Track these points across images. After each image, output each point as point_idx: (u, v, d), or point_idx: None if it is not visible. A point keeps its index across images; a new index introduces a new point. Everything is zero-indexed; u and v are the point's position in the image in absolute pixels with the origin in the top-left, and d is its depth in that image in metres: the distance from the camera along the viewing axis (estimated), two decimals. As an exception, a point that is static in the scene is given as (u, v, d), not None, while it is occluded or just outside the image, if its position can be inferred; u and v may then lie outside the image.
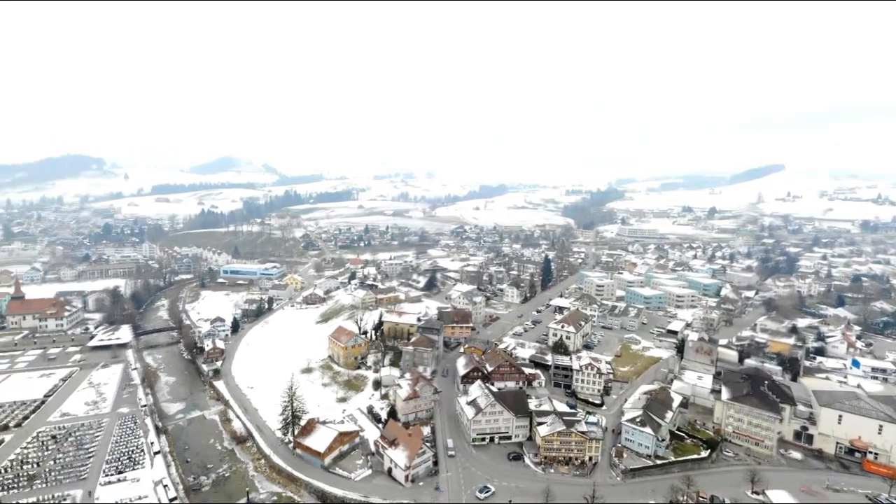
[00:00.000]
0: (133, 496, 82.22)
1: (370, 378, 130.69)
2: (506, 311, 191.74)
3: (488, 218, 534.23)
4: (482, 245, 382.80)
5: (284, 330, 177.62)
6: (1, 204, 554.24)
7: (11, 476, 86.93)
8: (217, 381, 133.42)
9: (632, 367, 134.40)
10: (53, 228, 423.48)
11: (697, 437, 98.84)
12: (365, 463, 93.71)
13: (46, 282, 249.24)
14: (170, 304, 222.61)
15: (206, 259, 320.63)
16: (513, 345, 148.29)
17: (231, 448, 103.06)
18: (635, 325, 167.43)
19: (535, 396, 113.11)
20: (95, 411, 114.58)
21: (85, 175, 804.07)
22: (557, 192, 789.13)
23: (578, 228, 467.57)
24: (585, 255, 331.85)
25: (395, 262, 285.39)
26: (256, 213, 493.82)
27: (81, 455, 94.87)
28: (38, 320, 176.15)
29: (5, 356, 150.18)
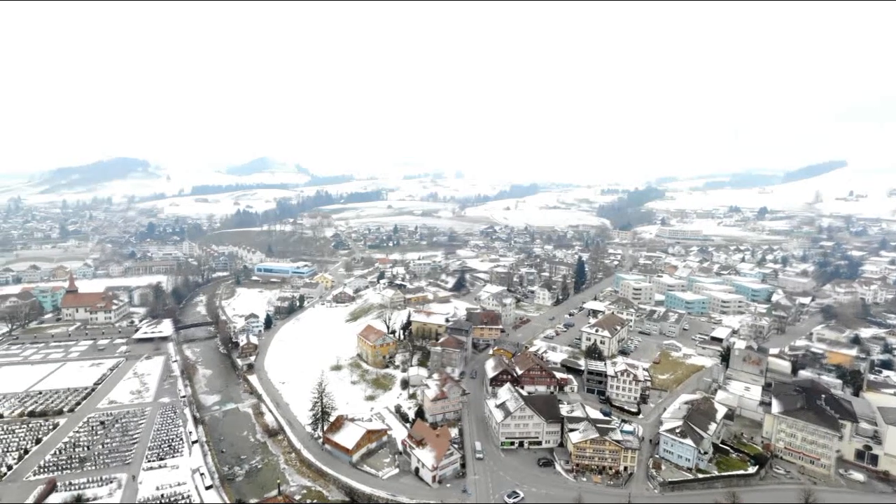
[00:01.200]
0: (172, 482, 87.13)
1: (398, 377, 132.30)
2: (537, 314, 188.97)
3: (519, 218, 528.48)
4: (512, 246, 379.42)
5: (315, 327, 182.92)
6: (57, 204, 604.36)
7: (65, 457, 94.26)
8: (251, 376, 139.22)
9: (671, 374, 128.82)
10: (103, 227, 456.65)
11: (744, 452, 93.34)
12: (392, 461, 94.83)
13: (97, 277, 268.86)
14: (207, 300, 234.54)
15: (242, 257, 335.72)
16: (544, 348, 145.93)
17: (263, 441, 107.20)
18: (675, 330, 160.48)
19: (567, 402, 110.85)
20: (139, 400, 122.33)
21: (132, 177, 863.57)
22: (592, 192, 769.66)
23: (614, 229, 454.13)
24: (622, 257, 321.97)
25: (424, 262, 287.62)
26: (289, 213, 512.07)
27: (126, 441, 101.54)
28: (89, 313, 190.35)
29: (60, 346, 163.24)
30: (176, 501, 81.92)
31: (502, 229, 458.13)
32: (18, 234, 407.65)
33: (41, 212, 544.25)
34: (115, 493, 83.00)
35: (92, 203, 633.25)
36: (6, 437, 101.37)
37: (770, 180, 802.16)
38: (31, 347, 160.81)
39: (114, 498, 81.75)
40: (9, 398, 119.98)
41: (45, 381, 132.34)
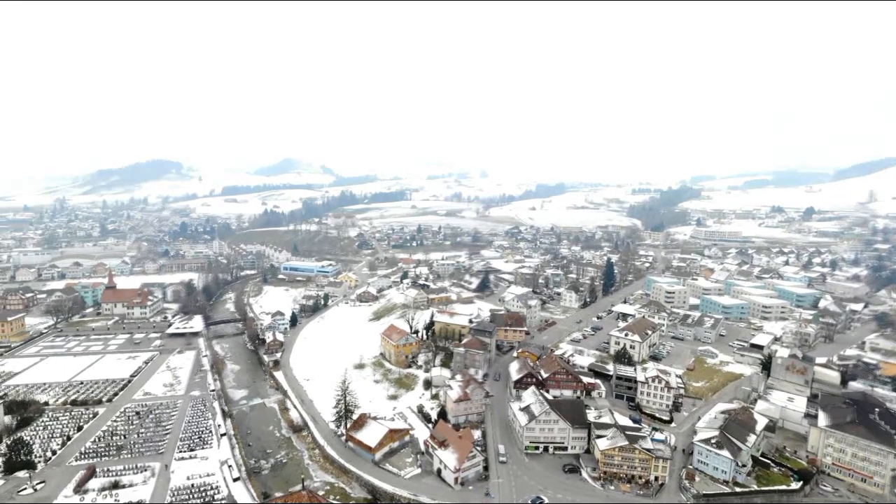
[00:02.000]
0: (202, 472, 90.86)
1: (420, 377, 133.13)
2: (563, 316, 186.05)
3: (545, 218, 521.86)
4: (538, 247, 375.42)
5: (339, 326, 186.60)
6: (98, 204, 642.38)
7: (104, 445, 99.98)
8: (276, 372, 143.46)
9: (707, 382, 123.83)
10: (140, 226, 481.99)
11: (787, 467, 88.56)
12: (414, 461, 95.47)
13: (133, 274, 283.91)
14: (236, 297, 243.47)
15: (269, 256, 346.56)
16: (570, 351, 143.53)
17: (288, 436, 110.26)
18: (711, 336, 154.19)
19: (595, 407, 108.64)
20: (172, 393, 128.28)
21: (166, 178, 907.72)
22: (622, 192, 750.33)
23: (646, 230, 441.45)
24: (653, 258, 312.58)
25: (448, 263, 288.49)
26: (314, 213, 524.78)
27: (160, 431, 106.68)
28: (126, 308, 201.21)
29: (100, 339, 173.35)
30: (205, 491, 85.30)
31: (527, 230, 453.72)
32: (63, 232, 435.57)
33: (83, 211, 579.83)
34: (150, 481, 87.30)
35: (129, 203, 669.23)
36: (51, 423, 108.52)
37: (818, 178, 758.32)
38: (73, 340, 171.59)
39: (148, 485, 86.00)
40: (54, 387, 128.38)
41: (86, 371, 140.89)
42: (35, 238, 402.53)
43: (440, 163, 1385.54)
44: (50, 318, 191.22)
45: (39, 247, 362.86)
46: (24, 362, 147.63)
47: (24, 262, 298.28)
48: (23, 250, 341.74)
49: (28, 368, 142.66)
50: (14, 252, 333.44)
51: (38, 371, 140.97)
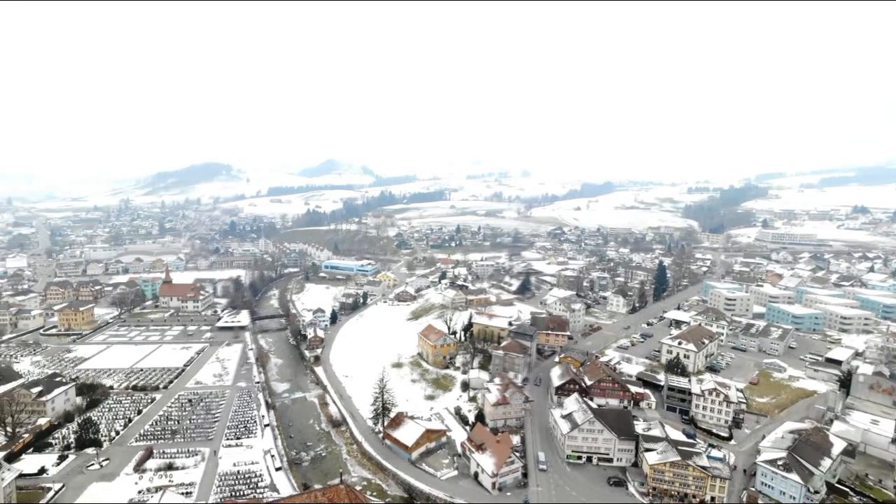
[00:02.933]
0: (247, 460, 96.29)
1: (458, 379, 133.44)
2: (609, 322, 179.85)
3: (591, 219, 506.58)
4: (583, 248, 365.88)
5: (377, 324, 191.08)
6: (157, 204, 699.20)
7: (160, 429, 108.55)
8: (317, 367, 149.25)
9: (773, 398, 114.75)
10: (193, 225, 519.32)
11: (870, 497, 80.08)
12: (451, 463, 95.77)
13: (187, 269, 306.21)
14: (279, 293, 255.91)
15: (311, 254, 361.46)
16: (617, 359, 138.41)
17: (328, 430, 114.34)
18: (779, 348, 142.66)
19: (643, 419, 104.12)
20: (220, 383, 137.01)
21: (217, 179, 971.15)
22: (676, 191, 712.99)
23: (703, 232, 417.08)
24: (712, 262, 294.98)
25: (487, 264, 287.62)
26: (354, 213, 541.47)
27: (209, 419, 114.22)
28: (180, 301, 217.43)
29: (158, 329, 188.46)
30: (250, 479, 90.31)
31: (572, 230, 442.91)
32: (127, 230, 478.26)
33: (144, 211, 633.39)
34: (200, 465, 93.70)
35: (184, 203, 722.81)
36: (115, 406, 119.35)
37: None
38: (135, 329, 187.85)
39: (198, 469, 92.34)
40: (117, 373, 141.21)
41: (146, 360, 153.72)
42: (103, 235, 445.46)
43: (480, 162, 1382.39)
44: (115, 309, 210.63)
45: (107, 243, 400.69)
46: (92, 349, 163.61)
47: (93, 257, 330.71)
48: (93, 246, 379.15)
49: (96, 355, 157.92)
50: (86, 248, 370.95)
51: (105, 357, 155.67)
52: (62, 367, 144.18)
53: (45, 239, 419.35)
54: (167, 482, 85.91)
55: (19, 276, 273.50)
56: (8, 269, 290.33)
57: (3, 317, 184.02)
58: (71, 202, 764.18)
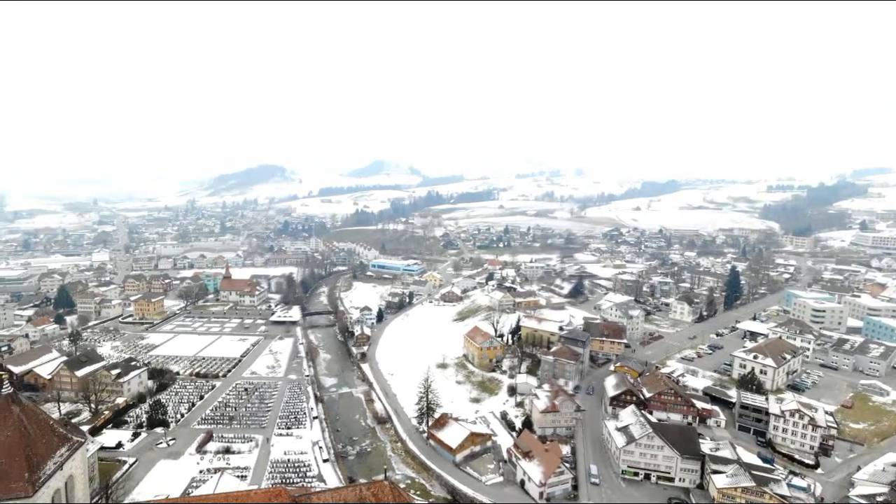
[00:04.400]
0: (297, 450, 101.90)
1: (505, 383, 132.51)
2: (672, 330, 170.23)
3: (652, 220, 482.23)
4: (643, 251, 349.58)
5: (422, 324, 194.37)
6: (219, 205, 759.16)
7: (219, 414, 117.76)
8: (363, 364, 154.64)
9: (871, 425, 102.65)
10: (250, 224, 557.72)
11: None
12: (496, 469, 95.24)
13: (244, 266, 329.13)
14: (329, 291, 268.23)
15: (358, 253, 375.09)
16: (680, 371, 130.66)
17: (373, 426, 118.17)
18: (880, 368, 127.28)
19: (711, 438, 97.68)
20: (273, 374, 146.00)
21: (272, 181, 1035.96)
22: (753, 189, 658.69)
23: (785, 234, 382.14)
24: (796, 268, 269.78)
25: (536, 265, 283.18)
26: (401, 213, 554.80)
27: (263, 408, 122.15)
28: (238, 296, 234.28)
29: (218, 322, 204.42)
30: (299, 468, 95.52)
31: (630, 232, 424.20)
32: (192, 228, 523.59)
33: (208, 211, 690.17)
34: (254, 451, 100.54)
35: (243, 203, 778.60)
36: (181, 390, 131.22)
37: None
38: (198, 321, 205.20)
39: (252, 455, 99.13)
40: (183, 360, 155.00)
41: (207, 349, 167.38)
42: (172, 233, 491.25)
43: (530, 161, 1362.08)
44: (182, 301, 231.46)
45: (175, 240, 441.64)
46: (162, 337, 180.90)
47: (164, 253, 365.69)
48: (163, 243, 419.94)
49: (165, 342, 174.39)
50: (157, 244, 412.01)
51: (172, 345, 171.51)
52: (136, 352, 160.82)
53: (124, 236, 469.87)
54: (225, 465, 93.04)
55: (102, 269, 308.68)
56: (94, 263, 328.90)
57: (88, 305, 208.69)
58: (146, 202, 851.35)
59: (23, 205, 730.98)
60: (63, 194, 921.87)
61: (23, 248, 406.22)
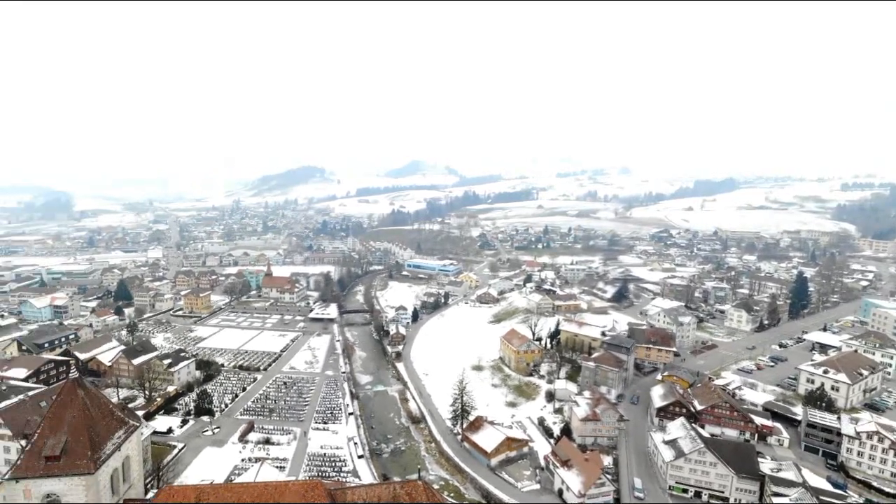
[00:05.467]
0: (333, 445, 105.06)
1: (542, 388, 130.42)
2: (727, 340, 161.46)
3: (706, 220, 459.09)
4: (695, 254, 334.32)
5: (458, 325, 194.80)
6: (262, 205, 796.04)
7: (260, 406, 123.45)
8: (398, 363, 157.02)
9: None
10: (291, 224, 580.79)
11: None
12: (532, 475, 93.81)
13: (285, 264, 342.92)
14: (365, 290, 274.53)
15: (394, 253, 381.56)
16: (737, 383, 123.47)
17: (407, 425, 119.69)
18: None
19: (772, 457, 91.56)
20: (311, 370, 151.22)
21: (312, 182, 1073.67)
22: (825, 187, 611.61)
23: (862, 237, 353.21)
24: (876, 275, 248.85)
25: (578, 268, 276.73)
26: (437, 213, 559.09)
27: (301, 402, 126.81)
28: (279, 293, 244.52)
29: (260, 317, 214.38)
30: (334, 462, 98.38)
31: (681, 233, 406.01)
32: (237, 228, 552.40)
33: (251, 210, 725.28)
34: (292, 444, 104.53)
35: (284, 204, 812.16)
36: (225, 381, 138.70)
37: None
38: (242, 315, 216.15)
39: (291, 447, 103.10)
40: (227, 353, 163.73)
41: (250, 343, 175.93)
42: (219, 232, 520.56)
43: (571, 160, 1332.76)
44: (227, 297, 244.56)
45: (221, 239, 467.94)
46: (208, 330, 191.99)
47: (211, 250, 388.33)
48: (210, 241, 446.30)
49: (211, 335, 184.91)
50: (205, 242, 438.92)
51: (218, 338, 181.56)
52: (185, 343, 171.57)
53: (176, 234, 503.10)
54: (265, 455, 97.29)
55: (156, 265, 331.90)
56: (149, 259, 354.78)
57: (144, 299, 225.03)
58: (195, 203, 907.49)
59: (88, 205, 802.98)
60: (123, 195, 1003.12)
61: (88, 244, 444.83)
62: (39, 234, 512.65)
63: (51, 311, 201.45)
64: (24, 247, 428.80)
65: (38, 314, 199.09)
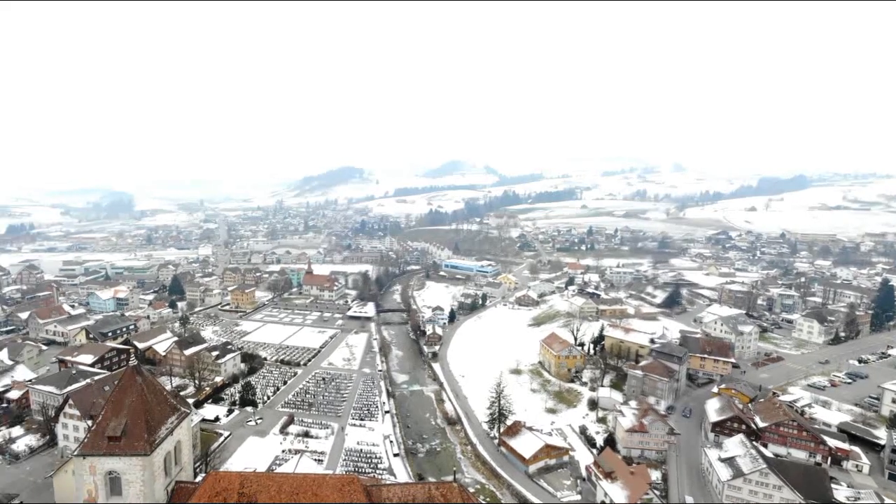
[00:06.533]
0: (369, 441, 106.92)
1: (585, 395, 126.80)
2: (796, 352, 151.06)
3: (771, 221, 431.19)
4: (758, 258, 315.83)
5: (495, 327, 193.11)
6: (303, 205, 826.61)
7: (300, 400, 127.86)
8: (434, 363, 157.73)
9: None
10: (330, 223, 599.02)
11: None
12: (573, 486, 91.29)
13: (324, 263, 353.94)
14: (402, 289, 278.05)
15: (431, 253, 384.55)
16: (806, 400, 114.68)
17: (443, 426, 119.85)
18: None
19: (849, 484, 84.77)
20: (348, 367, 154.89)
21: (351, 182, 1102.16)
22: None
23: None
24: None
25: (624, 271, 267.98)
26: (476, 213, 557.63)
27: (338, 398, 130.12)
28: (318, 290, 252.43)
29: (300, 314, 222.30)
30: (370, 459, 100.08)
31: (742, 236, 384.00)
32: (280, 227, 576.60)
33: (293, 210, 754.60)
34: (329, 438, 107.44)
35: (324, 204, 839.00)
36: (268, 374, 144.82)
37: None
38: (284, 311, 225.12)
39: (328, 441, 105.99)
40: (270, 347, 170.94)
41: (291, 338, 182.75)
42: (263, 231, 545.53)
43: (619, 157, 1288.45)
44: (270, 293, 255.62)
45: (265, 237, 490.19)
46: (253, 325, 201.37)
47: (255, 248, 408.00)
48: (255, 240, 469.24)
49: (255, 330, 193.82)
50: (250, 241, 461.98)
51: (261, 333, 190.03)
52: (231, 337, 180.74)
53: (224, 233, 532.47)
54: (304, 447, 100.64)
55: (206, 261, 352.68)
56: (199, 256, 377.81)
57: (194, 293, 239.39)
58: (242, 203, 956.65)
59: (147, 205, 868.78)
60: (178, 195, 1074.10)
61: (146, 242, 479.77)
62: (105, 231, 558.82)
63: (114, 303, 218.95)
64: (92, 243, 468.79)
65: (103, 305, 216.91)
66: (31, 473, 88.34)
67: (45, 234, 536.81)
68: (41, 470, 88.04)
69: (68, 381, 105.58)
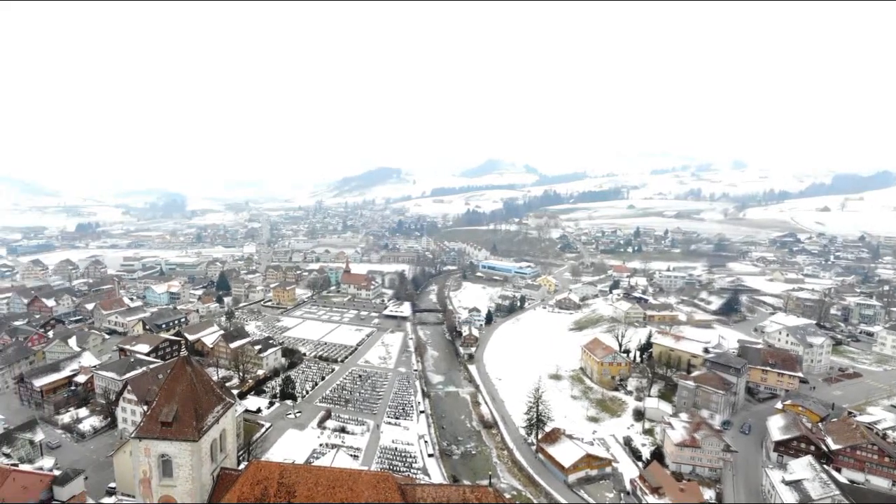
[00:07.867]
0: (403, 440, 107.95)
1: (630, 405, 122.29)
2: (876, 368, 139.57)
3: (848, 223, 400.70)
4: (831, 263, 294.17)
5: (534, 330, 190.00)
6: (342, 205, 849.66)
7: (337, 395, 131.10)
8: (470, 365, 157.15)
9: None
10: (368, 223, 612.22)
11: None
12: (616, 498, 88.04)
13: (362, 262, 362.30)
14: (438, 289, 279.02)
15: (469, 254, 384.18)
16: (889, 422, 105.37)
17: (478, 429, 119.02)
18: None
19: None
20: (384, 365, 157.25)
21: (389, 182, 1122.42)
22: None
23: None
24: None
25: (676, 275, 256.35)
26: (515, 213, 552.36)
27: (374, 395, 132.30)
28: (356, 289, 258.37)
29: (338, 311, 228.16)
30: (405, 458, 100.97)
31: (812, 238, 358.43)
32: (319, 226, 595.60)
33: (332, 210, 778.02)
34: (365, 435, 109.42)
35: (362, 204, 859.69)
36: (307, 369, 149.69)
37: None
38: (322, 309, 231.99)
39: (364, 438, 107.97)
40: (309, 343, 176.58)
41: (329, 335, 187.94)
42: (303, 230, 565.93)
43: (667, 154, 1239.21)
44: (309, 291, 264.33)
45: (305, 237, 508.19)
46: (293, 321, 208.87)
47: (296, 247, 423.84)
48: (296, 239, 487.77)
49: (295, 326, 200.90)
50: (291, 240, 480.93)
51: (301, 329, 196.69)
52: (273, 332, 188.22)
53: (267, 232, 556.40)
54: (340, 442, 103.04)
55: (250, 259, 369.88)
56: (244, 254, 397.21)
57: (239, 289, 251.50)
58: (284, 203, 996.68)
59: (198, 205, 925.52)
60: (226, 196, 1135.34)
61: (196, 240, 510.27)
62: (160, 230, 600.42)
63: (167, 297, 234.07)
64: (149, 241, 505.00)
65: (157, 299, 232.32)
66: (95, 452, 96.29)
67: (108, 231, 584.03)
68: (103, 449, 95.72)
69: (127, 368, 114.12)
